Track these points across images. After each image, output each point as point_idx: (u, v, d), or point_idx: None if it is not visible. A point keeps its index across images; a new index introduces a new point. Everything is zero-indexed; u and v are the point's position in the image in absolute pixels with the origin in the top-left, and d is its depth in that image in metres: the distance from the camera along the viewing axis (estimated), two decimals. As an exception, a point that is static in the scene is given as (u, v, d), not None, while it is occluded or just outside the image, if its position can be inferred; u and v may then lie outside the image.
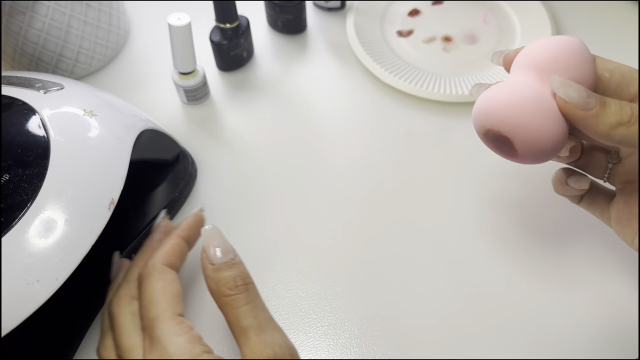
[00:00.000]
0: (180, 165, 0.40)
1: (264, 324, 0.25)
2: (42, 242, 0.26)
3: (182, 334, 0.24)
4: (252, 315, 0.25)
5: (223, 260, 0.26)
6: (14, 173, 0.27)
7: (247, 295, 0.25)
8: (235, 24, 0.44)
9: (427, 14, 0.51)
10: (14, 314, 0.26)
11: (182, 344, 0.24)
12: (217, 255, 0.26)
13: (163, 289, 0.26)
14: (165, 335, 0.24)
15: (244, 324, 0.25)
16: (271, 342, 0.24)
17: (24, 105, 0.30)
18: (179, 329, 0.25)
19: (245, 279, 0.26)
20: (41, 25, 0.42)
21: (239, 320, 0.25)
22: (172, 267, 0.29)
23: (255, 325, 0.25)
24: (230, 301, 0.25)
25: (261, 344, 0.24)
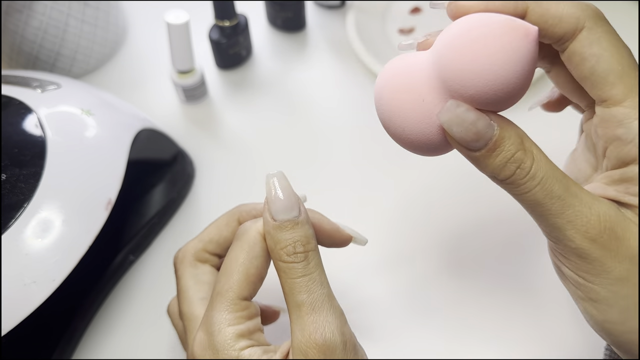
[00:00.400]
0: (179, 165, 0.40)
1: (319, 302, 0.22)
2: (39, 242, 0.26)
3: (234, 324, 0.22)
4: (308, 290, 0.22)
5: (286, 216, 0.23)
6: (10, 173, 0.27)
7: (306, 265, 0.22)
8: (234, 21, 0.44)
9: (429, 12, 0.51)
10: (12, 315, 0.26)
11: (227, 337, 0.22)
12: (279, 210, 0.23)
13: (242, 263, 0.23)
14: (216, 322, 0.22)
15: (297, 299, 0.22)
16: (323, 326, 0.21)
17: (20, 105, 0.30)
18: (234, 317, 0.22)
19: (306, 244, 0.23)
20: (39, 24, 0.42)
21: (293, 293, 0.22)
22: None
23: (310, 302, 0.22)
24: (287, 269, 0.22)
25: (312, 325, 0.21)
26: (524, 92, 0.19)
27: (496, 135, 0.19)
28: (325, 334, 0.21)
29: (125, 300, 0.36)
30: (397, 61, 0.21)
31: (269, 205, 0.23)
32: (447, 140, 0.20)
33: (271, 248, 0.23)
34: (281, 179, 0.23)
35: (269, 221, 0.23)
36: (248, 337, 0.22)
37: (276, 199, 0.23)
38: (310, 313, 0.22)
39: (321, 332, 0.21)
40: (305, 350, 0.21)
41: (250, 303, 0.24)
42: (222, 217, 0.27)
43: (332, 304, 0.22)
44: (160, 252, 0.38)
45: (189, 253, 0.26)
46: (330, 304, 0.22)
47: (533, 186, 0.19)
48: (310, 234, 0.23)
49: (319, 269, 0.23)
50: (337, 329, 0.22)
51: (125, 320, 0.35)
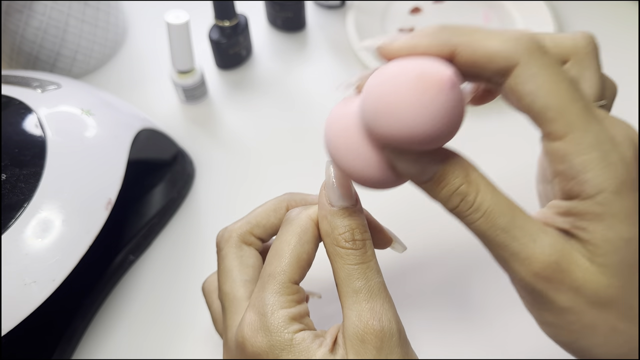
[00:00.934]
0: (179, 165, 0.40)
1: (376, 289, 0.22)
2: (39, 242, 0.26)
3: (287, 307, 0.22)
4: (365, 277, 0.22)
5: (344, 204, 0.22)
6: (10, 172, 0.27)
7: (364, 252, 0.22)
8: (234, 21, 0.44)
9: (429, 12, 0.51)
10: (12, 314, 0.26)
11: (280, 319, 0.22)
12: (338, 197, 0.22)
13: (294, 247, 0.23)
14: (269, 303, 0.22)
15: (355, 285, 0.22)
16: (380, 313, 0.21)
17: (21, 105, 0.30)
18: (286, 300, 0.22)
19: (364, 233, 0.22)
20: (39, 24, 0.42)
21: (351, 279, 0.22)
22: None
23: (367, 289, 0.22)
24: (345, 254, 0.22)
25: (369, 312, 0.21)
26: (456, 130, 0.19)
27: (439, 170, 0.20)
28: (383, 321, 0.21)
29: (126, 300, 0.36)
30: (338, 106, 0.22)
31: (327, 191, 0.23)
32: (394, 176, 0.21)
33: (327, 233, 0.23)
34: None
35: (326, 206, 0.23)
36: (299, 321, 0.22)
37: (336, 185, 0.22)
38: (367, 300, 0.21)
39: (379, 319, 0.21)
40: (362, 335, 0.21)
41: (300, 287, 0.23)
42: (270, 202, 0.27)
43: (387, 293, 0.22)
44: (161, 252, 0.38)
45: (235, 233, 0.26)
46: (386, 294, 0.22)
47: (477, 218, 0.20)
48: (366, 224, 0.23)
49: (375, 258, 0.23)
50: (393, 317, 0.21)
51: (126, 320, 0.35)
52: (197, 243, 0.38)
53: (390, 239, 0.26)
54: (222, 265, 0.26)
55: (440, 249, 0.37)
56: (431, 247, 0.37)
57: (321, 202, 0.23)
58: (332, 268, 0.23)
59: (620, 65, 0.47)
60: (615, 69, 0.47)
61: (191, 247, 0.38)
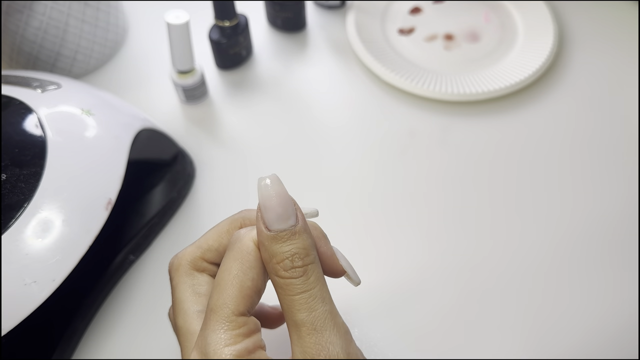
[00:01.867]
0: (179, 165, 0.40)
1: (321, 320, 0.20)
2: (39, 242, 0.26)
3: (231, 344, 0.20)
4: (308, 309, 0.20)
5: (281, 226, 0.21)
6: (10, 172, 0.27)
7: (305, 280, 0.21)
8: (234, 22, 0.44)
9: (429, 12, 0.51)
10: (12, 314, 0.26)
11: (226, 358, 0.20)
12: (274, 219, 0.21)
13: (235, 275, 0.21)
14: (212, 342, 0.20)
15: (297, 318, 0.20)
16: (326, 347, 0.20)
17: (21, 105, 0.30)
18: (230, 336, 0.20)
19: (305, 257, 0.21)
20: (39, 24, 0.42)
21: (292, 312, 0.21)
22: None
23: (310, 321, 0.20)
24: (284, 285, 0.21)
25: (314, 347, 0.20)
26: None
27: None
28: (330, 356, 0.20)
29: (126, 300, 0.36)
30: None
31: (261, 213, 0.21)
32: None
33: (266, 261, 0.21)
34: (275, 183, 0.21)
35: (262, 231, 0.21)
36: (247, 357, 0.20)
37: (270, 206, 0.21)
38: (311, 333, 0.20)
39: (325, 354, 0.20)
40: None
41: (248, 318, 0.21)
42: (223, 223, 0.25)
43: (336, 321, 0.21)
44: (161, 252, 0.38)
45: (185, 261, 0.24)
46: (334, 323, 0.21)
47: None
48: (310, 245, 0.21)
49: (320, 283, 0.21)
50: (341, 350, 0.20)
51: (126, 321, 0.35)
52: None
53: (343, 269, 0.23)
54: (174, 297, 0.24)
55: (439, 249, 0.37)
56: (429, 249, 0.37)
57: (258, 228, 0.21)
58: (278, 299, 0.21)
59: (621, 65, 0.47)
60: (616, 69, 0.47)
61: (191, 247, 0.38)
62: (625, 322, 0.34)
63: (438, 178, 0.41)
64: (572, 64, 0.47)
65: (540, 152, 0.42)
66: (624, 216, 0.38)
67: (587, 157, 0.41)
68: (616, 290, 0.35)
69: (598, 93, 0.45)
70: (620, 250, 0.37)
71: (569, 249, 0.37)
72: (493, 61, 0.47)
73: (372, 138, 0.43)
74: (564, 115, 0.44)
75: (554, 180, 0.40)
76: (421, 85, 0.44)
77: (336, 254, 0.23)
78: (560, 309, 0.34)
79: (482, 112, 0.44)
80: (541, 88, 0.46)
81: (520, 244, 0.37)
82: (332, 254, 0.23)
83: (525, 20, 0.50)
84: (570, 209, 0.39)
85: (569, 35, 0.49)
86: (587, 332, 0.33)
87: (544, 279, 0.36)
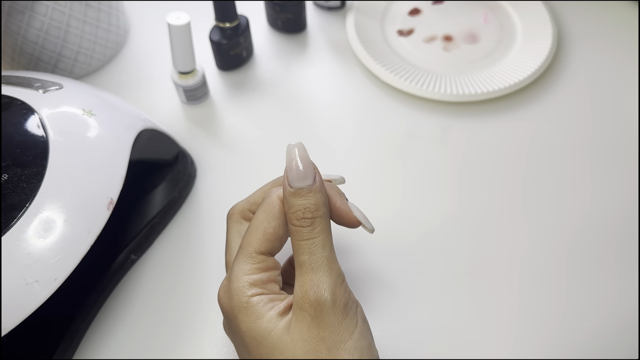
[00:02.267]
0: (180, 165, 0.40)
1: (318, 263, 0.24)
2: (41, 242, 0.26)
3: (249, 274, 0.25)
4: (309, 252, 0.25)
5: (301, 184, 0.25)
6: (12, 173, 0.27)
7: (311, 229, 0.25)
8: (234, 23, 0.44)
9: (428, 13, 0.51)
10: (13, 314, 0.26)
11: (241, 284, 0.25)
12: (295, 178, 0.25)
13: (260, 222, 0.26)
14: (235, 271, 0.25)
15: (300, 259, 0.25)
16: (317, 285, 0.24)
17: (23, 105, 0.30)
18: (249, 268, 0.25)
19: (314, 211, 0.25)
20: (40, 25, 0.42)
21: (297, 253, 0.25)
22: None
23: (309, 262, 0.24)
24: (295, 231, 0.25)
25: (308, 283, 0.24)
26: None
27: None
28: (318, 292, 0.24)
29: (127, 300, 0.36)
30: None
31: (287, 173, 0.25)
32: None
33: (286, 211, 0.26)
34: (301, 150, 0.26)
35: (286, 187, 0.25)
36: (260, 286, 0.25)
37: (294, 167, 0.25)
38: (308, 272, 0.24)
39: (314, 290, 0.24)
40: (301, 304, 0.24)
41: (268, 257, 0.26)
42: (269, 183, 0.30)
43: (331, 266, 0.25)
44: (162, 251, 0.38)
45: (237, 210, 0.30)
46: (329, 266, 0.25)
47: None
48: (321, 202, 0.25)
49: (323, 234, 0.25)
50: (329, 288, 0.24)
51: (127, 320, 0.35)
52: (199, 243, 0.38)
53: (357, 219, 0.27)
54: (226, 238, 0.29)
55: (437, 250, 0.37)
56: (431, 238, 0.37)
57: (283, 185, 0.26)
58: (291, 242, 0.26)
59: (620, 65, 0.47)
60: (615, 69, 0.47)
61: (192, 247, 0.38)
62: (625, 322, 0.34)
63: (437, 178, 0.41)
64: (571, 64, 0.47)
65: (539, 152, 0.42)
66: (624, 216, 0.38)
67: (586, 157, 0.42)
68: (616, 290, 0.35)
69: (597, 93, 0.45)
70: (620, 250, 0.37)
71: (568, 248, 0.37)
72: (492, 62, 0.47)
73: (372, 138, 0.43)
74: (563, 115, 0.44)
75: (553, 180, 0.40)
76: (420, 86, 0.44)
77: (351, 207, 0.27)
78: (560, 308, 0.34)
79: (481, 112, 0.44)
80: (540, 88, 0.46)
81: (520, 244, 0.37)
82: (347, 208, 0.27)
83: (523, 21, 0.50)
84: (570, 209, 0.39)
85: (567, 35, 0.49)
86: (587, 332, 0.34)
87: (543, 279, 0.36)
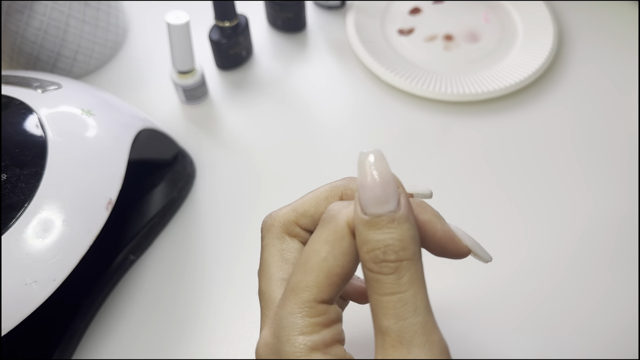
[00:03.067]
0: (179, 165, 0.40)
1: (409, 333, 0.17)
2: (40, 242, 0.26)
3: (307, 333, 0.18)
4: (395, 315, 0.17)
5: (379, 210, 0.18)
6: (11, 173, 0.27)
7: (396, 280, 0.17)
8: (234, 22, 0.44)
9: (428, 12, 0.51)
10: (12, 314, 0.26)
11: (297, 348, 0.18)
12: (371, 201, 0.18)
13: (324, 258, 0.18)
14: (286, 326, 0.18)
15: (382, 323, 0.18)
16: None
17: (21, 105, 0.30)
18: (308, 324, 0.18)
19: (400, 251, 0.18)
20: (39, 24, 0.42)
21: (378, 315, 0.18)
22: None
23: (396, 331, 0.17)
24: (372, 280, 0.18)
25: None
26: None
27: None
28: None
29: (126, 300, 0.36)
30: None
31: (360, 193, 0.18)
32: None
33: (359, 247, 0.18)
34: (379, 160, 0.18)
35: (358, 213, 0.18)
36: (323, 350, 0.18)
37: (370, 185, 0.18)
38: (396, 346, 0.17)
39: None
40: None
41: (330, 307, 0.19)
42: (323, 188, 0.22)
43: (429, 338, 0.17)
44: (161, 252, 0.38)
45: (279, 222, 0.22)
46: (426, 339, 0.17)
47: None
48: (410, 237, 0.18)
49: (415, 286, 0.18)
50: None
51: (126, 320, 0.35)
52: (198, 243, 0.38)
53: (468, 249, 0.21)
54: (262, 258, 0.22)
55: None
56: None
57: (354, 209, 0.18)
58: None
59: (620, 65, 0.47)
60: (615, 69, 0.47)
61: (192, 247, 0.38)
62: (625, 322, 0.34)
63: (437, 178, 0.41)
64: (572, 64, 0.47)
65: (539, 151, 0.42)
66: (624, 216, 0.38)
67: (587, 157, 0.41)
68: (616, 290, 0.35)
69: (598, 93, 0.45)
70: (620, 250, 0.37)
71: (567, 248, 0.37)
72: (493, 61, 0.47)
73: (372, 138, 0.43)
74: (563, 115, 0.44)
75: (553, 180, 0.40)
76: (421, 86, 0.44)
77: (457, 232, 0.20)
78: (560, 309, 0.34)
79: (482, 112, 0.44)
80: (541, 88, 0.46)
81: (520, 244, 0.37)
82: (452, 234, 0.20)
83: (524, 21, 0.50)
84: (570, 209, 0.39)
85: (568, 35, 0.49)
86: (587, 332, 0.34)
87: (543, 279, 0.36)
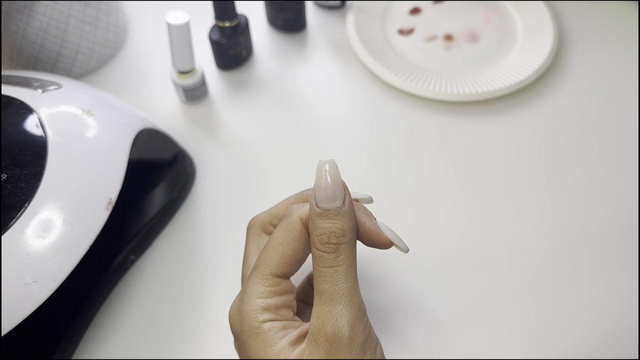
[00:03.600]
0: (179, 165, 0.40)
1: (339, 294, 0.23)
2: (40, 242, 0.26)
3: (262, 297, 0.23)
4: (330, 281, 0.23)
5: (328, 205, 0.23)
6: (11, 173, 0.27)
7: (335, 256, 0.23)
8: (234, 22, 0.44)
9: (428, 12, 0.51)
10: (12, 314, 0.26)
11: (253, 307, 0.23)
12: (323, 198, 0.23)
13: (279, 243, 0.24)
14: (248, 292, 0.24)
15: (320, 287, 0.23)
16: (335, 318, 0.22)
17: (21, 105, 0.30)
18: (263, 291, 0.24)
19: (340, 237, 0.23)
20: (40, 24, 0.42)
21: (317, 280, 0.23)
22: None
23: (330, 292, 0.23)
24: (317, 256, 0.23)
25: (326, 315, 0.22)
26: None
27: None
28: (335, 327, 0.22)
29: (126, 300, 0.36)
30: None
31: (315, 192, 0.24)
32: None
33: (310, 232, 0.24)
34: (332, 168, 0.24)
35: (312, 206, 0.24)
36: (273, 311, 0.23)
37: (323, 186, 0.23)
38: (327, 303, 0.23)
39: (332, 324, 0.22)
40: (316, 336, 0.22)
41: (284, 280, 0.24)
42: (292, 196, 0.29)
43: (352, 298, 0.23)
44: (161, 251, 0.38)
45: (257, 222, 0.28)
46: (349, 299, 0.23)
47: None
48: (349, 227, 0.23)
49: (348, 262, 0.23)
50: (347, 324, 0.22)
51: (126, 320, 0.35)
52: (198, 243, 0.38)
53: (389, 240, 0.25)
54: (245, 250, 0.28)
55: (437, 250, 0.37)
56: (431, 244, 0.37)
57: (310, 204, 0.24)
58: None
59: (621, 65, 0.47)
60: (615, 69, 0.47)
61: (192, 247, 0.38)
62: (625, 322, 0.34)
63: (438, 178, 0.41)
64: (572, 64, 0.47)
65: (540, 152, 0.42)
66: (623, 216, 0.38)
67: (587, 156, 0.42)
68: (616, 290, 0.35)
69: (598, 93, 0.45)
70: (620, 250, 0.37)
71: (568, 248, 0.37)
72: (493, 61, 0.47)
73: (372, 138, 0.43)
74: (563, 115, 0.44)
75: (553, 180, 0.40)
76: (421, 86, 0.44)
77: (381, 227, 0.25)
78: (560, 309, 0.34)
79: (482, 112, 0.44)
80: (541, 88, 0.46)
81: (519, 244, 0.37)
82: (377, 229, 0.25)
83: (524, 21, 0.50)
84: (570, 209, 0.39)
85: (568, 35, 0.49)
86: (587, 332, 0.34)
87: (543, 279, 0.36)
